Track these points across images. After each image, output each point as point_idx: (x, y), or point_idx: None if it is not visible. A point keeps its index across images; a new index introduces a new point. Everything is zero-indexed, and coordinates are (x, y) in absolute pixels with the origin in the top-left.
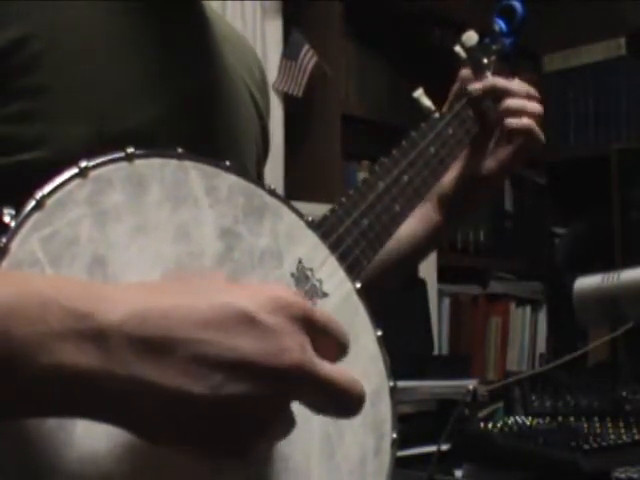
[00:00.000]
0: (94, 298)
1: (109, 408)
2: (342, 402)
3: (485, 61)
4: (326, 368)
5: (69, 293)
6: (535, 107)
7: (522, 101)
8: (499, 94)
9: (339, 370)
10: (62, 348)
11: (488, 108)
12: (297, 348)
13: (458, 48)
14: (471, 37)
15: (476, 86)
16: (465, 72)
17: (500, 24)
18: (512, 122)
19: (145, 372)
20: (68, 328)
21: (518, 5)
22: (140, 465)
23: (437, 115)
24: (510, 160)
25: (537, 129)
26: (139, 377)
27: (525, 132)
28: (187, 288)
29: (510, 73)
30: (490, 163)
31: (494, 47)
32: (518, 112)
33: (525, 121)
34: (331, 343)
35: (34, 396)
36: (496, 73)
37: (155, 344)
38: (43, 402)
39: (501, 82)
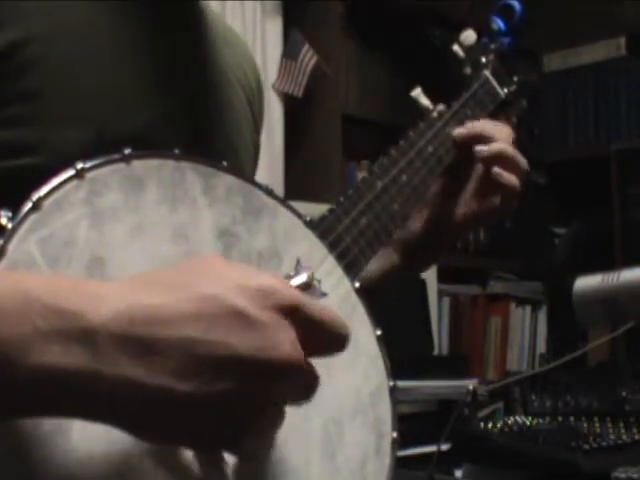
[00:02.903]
0: (81, 297)
1: (98, 407)
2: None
3: (483, 60)
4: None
5: (56, 292)
6: (524, 163)
7: (515, 153)
8: (484, 140)
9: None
10: (48, 348)
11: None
12: (286, 342)
13: (456, 47)
14: (469, 36)
15: (461, 131)
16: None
17: (498, 23)
18: (503, 175)
19: (133, 372)
20: (54, 328)
21: (517, 4)
22: (138, 466)
23: (435, 114)
24: (485, 213)
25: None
26: (127, 377)
27: (511, 190)
28: (177, 280)
29: (513, 71)
30: (462, 212)
31: (492, 46)
32: (510, 164)
33: (514, 179)
34: (327, 334)
35: (22, 397)
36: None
37: (142, 343)
38: (31, 403)
39: (487, 128)
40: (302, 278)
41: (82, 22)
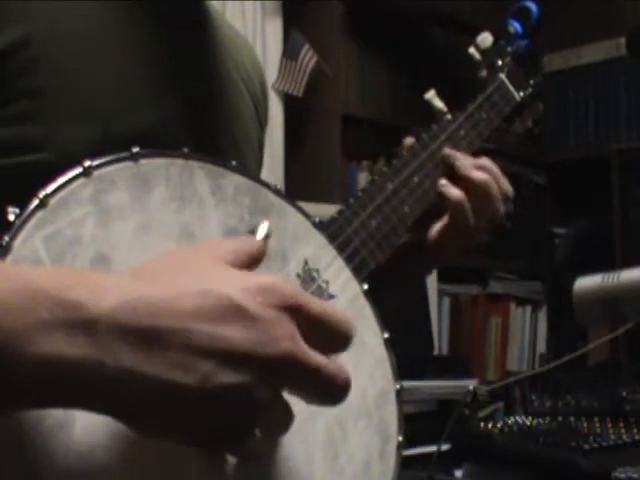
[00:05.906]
0: (84, 288)
1: (100, 398)
2: (328, 391)
3: (499, 63)
4: (315, 357)
5: (59, 283)
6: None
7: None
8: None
9: (326, 360)
10: (51, 338)
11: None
12: (286, 337)
13: (472, 50)
14: (486, 39)
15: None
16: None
17: (515, 26)
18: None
19: (135, 362)
20: (57, 318)
21: (533, 6)
22: (140, 461)
23: (449, 117)
24: (441, 234)
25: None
26: (129, 367)
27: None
28: (179, 275)
29: (529, 74)
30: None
31: (509, 49)
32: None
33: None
34: (329, 333)
35: (25, 387)
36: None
37: (144, 333)
38: (35, 393)
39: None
40: (264, 228)
41: (86, 20)
